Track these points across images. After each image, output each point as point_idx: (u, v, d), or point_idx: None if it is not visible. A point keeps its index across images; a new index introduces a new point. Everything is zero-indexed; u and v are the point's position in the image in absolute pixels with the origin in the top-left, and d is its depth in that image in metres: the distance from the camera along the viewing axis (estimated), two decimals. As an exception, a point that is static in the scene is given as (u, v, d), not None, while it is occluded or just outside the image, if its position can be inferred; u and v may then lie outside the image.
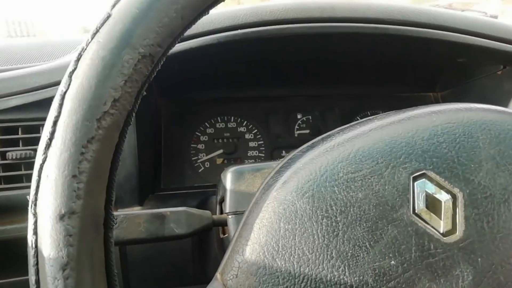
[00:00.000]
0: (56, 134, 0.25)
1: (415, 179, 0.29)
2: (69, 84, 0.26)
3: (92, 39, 0.27)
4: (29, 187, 0.56)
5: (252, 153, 0.86)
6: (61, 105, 0.26)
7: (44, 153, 0.25)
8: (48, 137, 0.25)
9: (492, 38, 0.63)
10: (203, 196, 0.68)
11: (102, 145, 0.26)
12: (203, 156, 0.84)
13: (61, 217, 0.24)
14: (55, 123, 0.26)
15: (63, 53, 0.67)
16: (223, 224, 0.46)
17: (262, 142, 0.87)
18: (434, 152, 0.29)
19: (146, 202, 0.67)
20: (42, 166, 0.25)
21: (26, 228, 0.56)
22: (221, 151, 0.84)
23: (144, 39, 0.27)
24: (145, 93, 0.30)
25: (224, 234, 0.49)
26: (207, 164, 0.84)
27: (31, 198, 0.26)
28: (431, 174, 0.29)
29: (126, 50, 0.27)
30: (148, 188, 0.71)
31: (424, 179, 0.29)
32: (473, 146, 0.30)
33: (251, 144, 0.86)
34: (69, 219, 0.24)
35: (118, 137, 0.28)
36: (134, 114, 0.29)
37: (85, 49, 0.27)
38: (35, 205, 0.25)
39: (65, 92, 0.26)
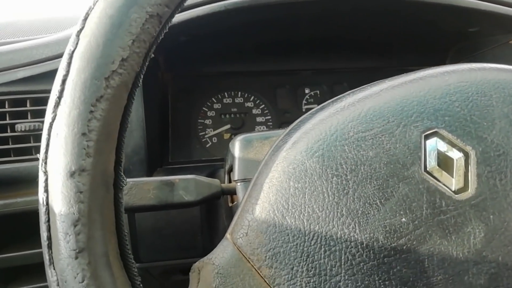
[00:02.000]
0: (65, 93, 0.25)
1: (426, 137, 0.28)
2: (77, 43, 0.26)
3: None
4: (38, 159, 0.56)
5: (260, 128, 0.86)
6: (69, 64, 0.26)
7: (53, 112, 0.25)
8: (57, 95, 0.25)
9: (505, 3, 0.62)
10: (211, 169, 0.68)
11: (111, 105, 0.26)
12: (211, 131, 0.84)
13: (72, 174, 0.24)
14: (63, 81, 0.25)
15: (69, 25, 0.67)
16: (232, 192, 0.46)
17: (269, 117, 0.86)
18: (446, 110, 0.29)
19: (154, 175, 0.67)
20: (52, 124, 0.25)
21: (36, 201, 0.57)
22: (228, 126, 0.84)
23: None
24: (152, 55, 0.30)
25: (232, 203, 0.49)
26: (214, 139, 0.84)
27: (41, 156, 0.26)
28: (443, 132, 0.28)
29: (134, 9, 0.26)
30: (156, 161, 0.71)
31: (435, 137, 0.28)
32: (486, 105, 0.29)
33: (259, 119, 0.86)
34: (80, 176, 0.24)
35: (126, 98, 0.28)
36: (141, 76, 0.29)
37: (93, 8, 0.27)
38: (46, 163, 0.25)
39: (73, 51, 0.26)
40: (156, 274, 0.70)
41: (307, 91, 0.89)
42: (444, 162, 0.28)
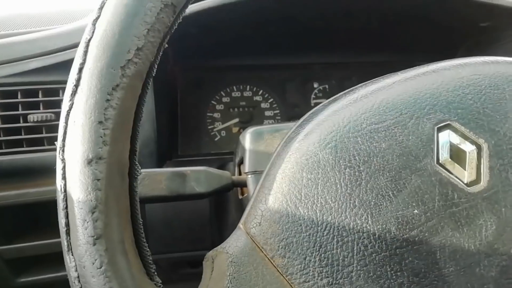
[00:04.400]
0: (82, 81, 0.26)
1: (439, 129, 0.28)
2: (93, 32, 0.26)
3: None
4: (50, 150, 0.57)
5: (268, 122, 0.86)
6: (86, 52, 0.26)
7: (70, 100, 0.26)
8: (74, 83, 0.26)
9: (517, -2, 0.61)
10: (220, 162, 0.69)
11: (126, 94, 0.26)
12: (219, 124, 0.84)
13: (89, 162, 0.25)
14: (80, 70, 0.26)
15: (81, 17, 0.67)
16: (242, 184, 0.46)
17: (278, 111, 0.87)
18: (459, 103, 0.29)
19: (164, 167, 0.68)
20: (69, 112, 0.26)
21: (48, 192, 0.57)
22: (237, 120, 0.84)
23: None
24: (166, 45, 0.30)
25: (242, 195, 0.50)
26: (223, 132, 0.84)
27: (58, 144, 0.26)
28: (456, 125, 0.28)
29: None
30: (166, 154, 0.72)
31: (448, 130, 0.28)
32: (499, 98, 0.29)
33: (267, 113, 0.86)
34: (97, 164, 0.25)
35: (141, 87, 0.28)
36: (155, 66, 0.29)
37: None
38: (63, 151, 0.26)
39: (89, 40, 0.26)
40: (165, 266, 0.71)
41: (316, 85, 0.89)
42: (457, 155, 0.28)
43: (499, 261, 0.27)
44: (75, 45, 0.57)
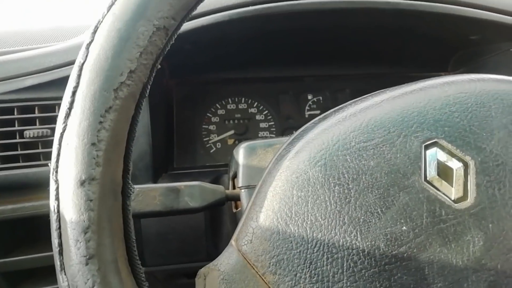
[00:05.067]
0: (75, 104, 0.26)
1: (426, 147, 0.29)
2: (86, 55, 0.27)
3: (108, 11, 0.28)
4: (46, 165, 0.57)
5: (263, 133, 0.86)
6: (79, 76, 0.27)
7: (64, 122, 0.26)
8: (68, 106, 0.26)
9: (507, 13, 0.62)
10: (215, 175, 0.69)
11: (119, 115, 0.27)
12: (215, 136, 0.85)
13: (82, 183, 0.25)
14: (74, 93, 0.26)
15: (76, 34, 0.68)
16: (236, 198, 0.47)
17: (273, 123, 0.87)
18: (446, 121, 0.30)
19: (159, 180, 0.68)
20: (62, 134, 0.26)
21: (44, 206, 0.58)
22: (232, 132, 0.85)
23: (159, 11, 0.28)
24: (159, 66, 0.31)
25: (236, 209, 0.50)
26: (218, 144, 0.85)
27: (52, 165, 0.27)
28: (443, 142, 0.29)
29: (141, 22, 0.27)
30: (161, 167, 0.72)
31: (435, 147, 0.29)
32: (485, 115, 0.30)
33: (262, 125, 0.87)
34: (90, 185, 0.25)
35: (134, 108, 0.28)
36: (148, 87, 0.30)
37: (101, 21, 0.28)
38: (57, 172, 0.26)
39: (83, 63, 0.27)
40: (161, 278, 0.71)
41: (310, 97, 0.90)
42: (444, 172, 0.28)
43: (487, 276, 0.27)
44: (71, 63, 0.58)
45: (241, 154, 0.46)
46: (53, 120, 0.59)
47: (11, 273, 0.62)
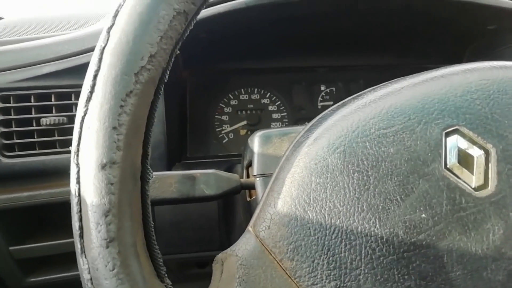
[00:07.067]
0: (96, 88, 0.26)
1: (447, 134, 0.29)
2: (107, 39, 0.27)
3: None
4: (62, 152, 0.58)
5: (275, 124, 0.86)
6: (100, 60, 0.27)
7: (85, 106, 0.26)
8: (89, 90, 0.26)
9: (526, 1, 0.61)
10: (228, 164, 0.69)
11: (139, 100, 0.27)
12: (227, 127, 0.85)
13: (103, 167, 0.25)
14: (95, 76, 0.26)
15: (94, 22, 0.68)
16: (251, 187, 0.47)
17: (285, 113, 0.87)
18: (468, 108, 0.29)
19: (173, 169, 0.69)
20: (84, 118, 0.26)
21: (60, 193, 0.58)
22: (244, 122, 0.85)
23: None
24: (178, 51, 0.31)
25: (250, 197, 0.50)
26: (231, 135, 0.85)
27: (73, 149, 0.27)
28: (464, 130, 0.29)
29: (162, 6, 0.27)
30: (175, 156, 0.72)
31: (456, 135, 0.29)
32: (507, 103, 0.29)
33: (275, 115, 0.87)
34: (111, 168, 0.25)
35: (153, 94, 0.28)
36: (167, 73, 0.30)
37: (122, 4, 0.28)
38: (78, 156, 0.26)
39: (104, 47, 0.27)
40: (173, 267, 0.71)
41: (322, 88, 0.89)
42: (465, 160, 0.28)
43: (507, 265, 0.27)
44: (88, 50, 0.58)
45: (256, 142, 0.46)
46: (70, 107, 0.60)
47: (26, 260, 0.63)
